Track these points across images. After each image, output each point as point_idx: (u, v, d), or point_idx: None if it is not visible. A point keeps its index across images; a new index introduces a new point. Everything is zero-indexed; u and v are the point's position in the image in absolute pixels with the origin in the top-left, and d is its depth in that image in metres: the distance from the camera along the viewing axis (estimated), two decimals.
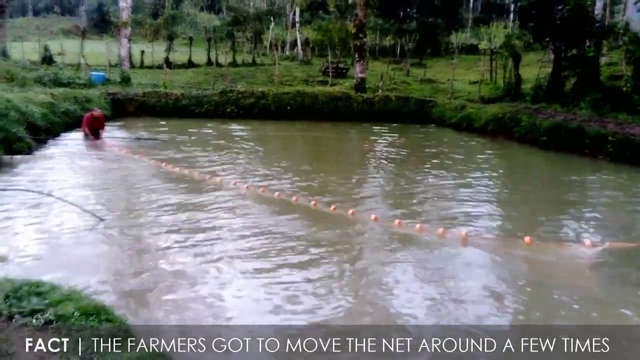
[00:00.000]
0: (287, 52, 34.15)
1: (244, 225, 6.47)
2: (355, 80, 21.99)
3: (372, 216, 6.60)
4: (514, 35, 22.92)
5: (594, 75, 17.23)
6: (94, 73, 21.31)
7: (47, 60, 24.53)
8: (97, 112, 13.08)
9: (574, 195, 9.10)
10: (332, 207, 6.92)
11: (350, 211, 6.82)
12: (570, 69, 17.85)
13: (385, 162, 11.66)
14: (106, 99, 17.74)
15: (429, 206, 7.77)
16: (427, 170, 10.78)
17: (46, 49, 25.32)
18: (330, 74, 24.87)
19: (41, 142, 11.43)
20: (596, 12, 19.20)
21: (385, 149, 13.54)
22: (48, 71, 20.44)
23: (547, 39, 19.18)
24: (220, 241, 5.86)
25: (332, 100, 19.54)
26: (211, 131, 15.33)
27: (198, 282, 4.78)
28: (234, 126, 16.55)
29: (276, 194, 7.80)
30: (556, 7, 18.10)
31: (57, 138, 12.51)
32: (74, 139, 12.61)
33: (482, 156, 12.61)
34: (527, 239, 5.60)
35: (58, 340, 3.07)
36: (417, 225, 6.23)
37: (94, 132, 12.68)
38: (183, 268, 5.07)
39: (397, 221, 6.34)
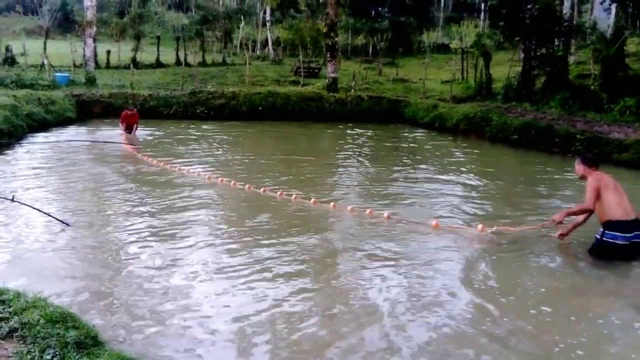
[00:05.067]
0: (258, 52, 33.82)
1: (217, 225, 6.49)
2: (327, 80, 21.80)
3: (331, 204, 7.29)
4: (485, 35, 23.10)
5: (563, 74, 17.44)
6: (58, 74, 20.76)
7: (9, 61, 23.77)
8: (131, 110, 14.06)
9: (537, 188, 9.24)
10: (313, 200, 7.47)
11: (312, 200, 7.38)
12: (540, 68, 18.05)
13: (355, 161, 11.75)
14: (71, 100, 17.27)
15: (391, 198, 8.28)
16: (395, 168, 10.91)
17: (8, 49, 24.52)
18: (302, 74, 24.66)
19: (3, 146, 11.16)
20: (564, 12, 19.43)
21: (355, 148, 13.51)
22: (10, 72, 19.88)
23: (517, 38, 19.36)
24: (192, 242, 5.77)
25: (304, 101, 19.36)
26: (179, 132, 15.01)
27: (169, 285, 4.65)
28: (204, 127, 16.23)
29: (247, 186, 8.21)
30: (526, 6, 18.26)
31: (21, 141, 12.21)
32: (38, 143, 12.32)
33: (452, 155, 12.67)
34: (434, 222, 6.44)
35: (24, 348, 2.97)
36: (368, 211, 6.96)
37: (128, 127, 13.74)
38: (153, 272, 4.94)
39: (350, 207, 7.14)
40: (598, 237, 5.38)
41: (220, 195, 7.98)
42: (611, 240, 5.26)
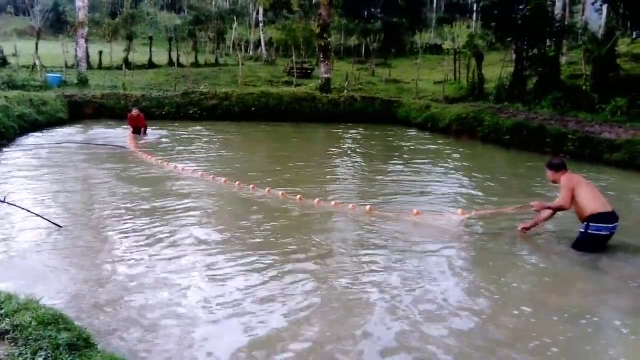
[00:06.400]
0: (251, 53, 33.81)
1: (210, 226, 6.48)
2: (320, 81, 21.84)
3: (316, 200, 7.49)
4: (477, 35, 23.18)
5: (555, 75, 17.52)
6: (50, 75, 20.67)
7: (1, 62, 23.60)
8: (135, 112, 14.14)
9: (527, 187, 9.29)
10: (299, 196, 7.62)
11: (298, 197, 7.56)
12: (532, 69, 18.13)
13: (347, 160, 11.84)
14: (63, 101, 17.18)
15: (380, 194, 8.43)
16: (386, 167, 11.01)
17: None
18: (295, 75, 24.66)
19: None
20: (556, 12, 19.50)
21: (348, 148, 13.57)
22: (2, 73, 19.68)
23: (509, 39, 19.44)
24: (186, 243, 5.76)
25: (297, 101, 19.37)
26: (173, 133, 14.98)
27: (162, 287, 4.64)
28: (197, 128, 16.18)
29: (236, 184, 8.29)
30: (518, 7, 18.33)
31: (13, 143, 12.14)
32: (30, 144, 12.27)
33: (444, 155, 12.71)
34: (415, 211, 6.75)
35: (15, 351, 2.95)
36: (350, 205, 7.25)
37: (136, 129, 13.96)
38: (146, 273, 4.93)
39: (333, 202, 7.41)
40: (582, 230, 5.53)
41: (214, 194, 8.03)
42: (596, 232, 5.45)
